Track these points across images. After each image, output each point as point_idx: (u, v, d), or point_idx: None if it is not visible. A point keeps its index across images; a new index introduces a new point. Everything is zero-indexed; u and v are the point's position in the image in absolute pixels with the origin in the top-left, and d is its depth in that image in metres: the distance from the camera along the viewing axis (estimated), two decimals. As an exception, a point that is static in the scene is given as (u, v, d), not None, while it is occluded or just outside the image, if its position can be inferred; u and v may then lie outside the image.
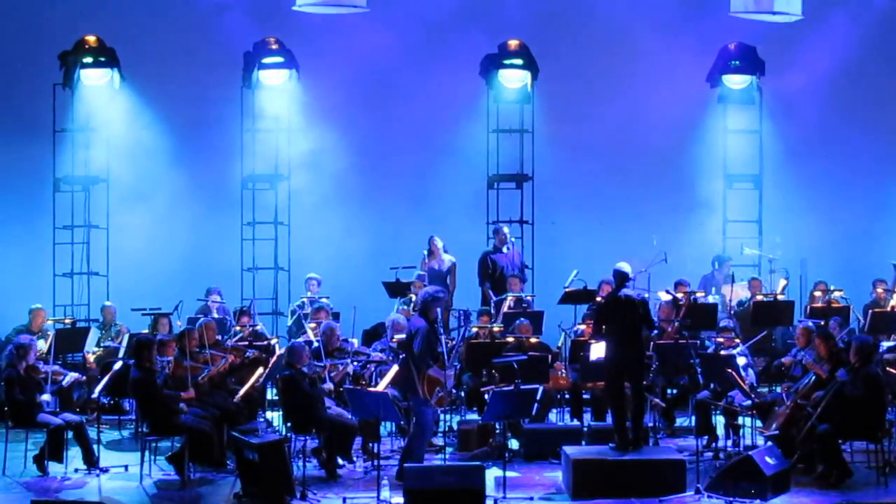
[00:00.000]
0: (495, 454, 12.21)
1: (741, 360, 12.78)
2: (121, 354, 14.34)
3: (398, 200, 18.20)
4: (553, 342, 14.54)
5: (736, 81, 18.05)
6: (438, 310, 11.78)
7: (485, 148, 18.07)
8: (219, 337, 13.83)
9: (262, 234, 18.17)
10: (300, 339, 13.08)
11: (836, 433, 11.55)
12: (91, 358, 15.06)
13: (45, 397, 12.39)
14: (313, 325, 13.96)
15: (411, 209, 17.98)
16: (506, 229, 16.30)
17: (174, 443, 12.35)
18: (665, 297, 13.96)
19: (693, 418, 13.16)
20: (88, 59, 17.60)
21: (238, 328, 14.56)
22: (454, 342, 12.80)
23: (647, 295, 13.55)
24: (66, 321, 15.13)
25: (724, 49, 17.98)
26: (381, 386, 12.26)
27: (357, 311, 14.02)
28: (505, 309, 15.04)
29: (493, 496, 11.04)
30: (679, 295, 14.08)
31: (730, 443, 12.79)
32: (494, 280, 15.92)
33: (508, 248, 16.12)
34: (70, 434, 12.29)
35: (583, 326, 14.19)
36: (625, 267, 12.08)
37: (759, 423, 12.67)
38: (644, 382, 12.26)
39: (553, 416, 13.89)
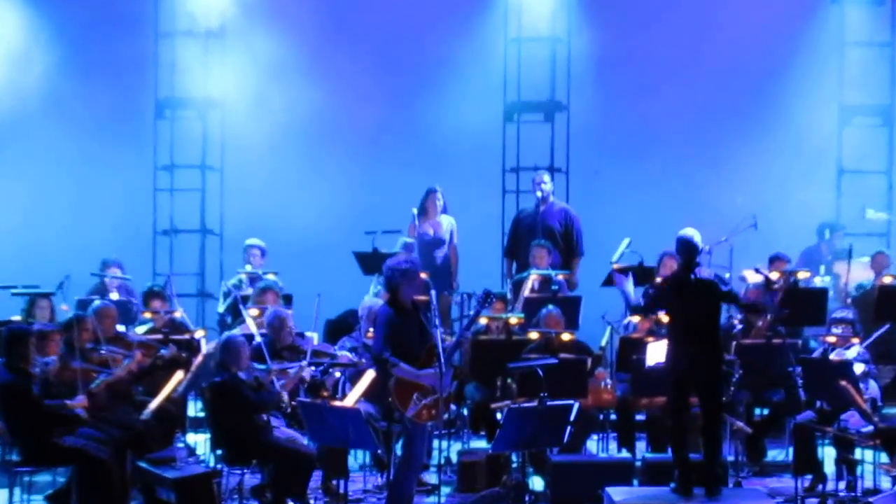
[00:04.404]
0: (511, 497, 12.22)
1: (859, 368, 12.77)
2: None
3: (378, 137, 18.14)
4: (594, 341, 14.53)
5: (859, -27, 18.09)
6: (433, 291, 11.82)
7: (502, 63, 18.09)
8: (120, 328, 13.84)
9: (183, 182, 18.20)
10: (237, 332, 13.08)
11: None
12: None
13: None
14: (255, 311, 13.96)
15: (397, 151, 17.94)
16: (546, 177, 16.24)
17: (56, 476, 12.32)
18: (753, 277, 13.94)
19: (790, 450, 13.19)
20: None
21: (148, 315, 14.56)
22: (455, 336, 12.77)
23: (727, 275, 13.54)
24: None
25: (842, -74, 18.01)
26: (351, 399, 12.26)
27: (320, 295, 13.98)
28: (526, 293, 15.03)
29: (508, 556, 11.11)
30: (773, 275, 14.05)
31: (842, 485, 12.80)
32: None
33: (542, 206, 16.07)
34: None
35: (636, 319, 14.17)
36: (693, 235, 11.99)
37: (883, 458, 12.68)
38: (723, 399, 12.26)
39: (593, 444, 13.92)
